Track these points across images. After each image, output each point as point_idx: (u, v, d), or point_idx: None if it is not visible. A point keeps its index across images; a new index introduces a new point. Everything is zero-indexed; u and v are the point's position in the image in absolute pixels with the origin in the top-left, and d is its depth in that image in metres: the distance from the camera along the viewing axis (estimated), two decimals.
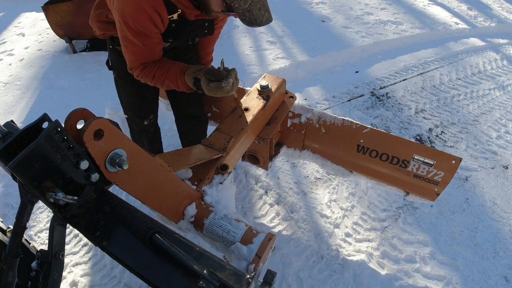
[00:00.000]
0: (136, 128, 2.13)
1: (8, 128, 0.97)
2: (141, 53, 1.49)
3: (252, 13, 1.28)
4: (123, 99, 2.01)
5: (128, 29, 1.39)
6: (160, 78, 1.55)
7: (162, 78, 1.55)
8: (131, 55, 1.50)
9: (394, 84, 3.77)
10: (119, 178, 0.99)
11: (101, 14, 1.61)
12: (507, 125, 3.29)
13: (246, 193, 2.54)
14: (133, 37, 1.41)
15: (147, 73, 1.54)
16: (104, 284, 2.00)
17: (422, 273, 2.06)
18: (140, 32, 1.40)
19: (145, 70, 1.54)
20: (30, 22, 5.36)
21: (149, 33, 1.42)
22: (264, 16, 1.31)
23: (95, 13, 1.65)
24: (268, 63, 3.96)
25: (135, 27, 1.38)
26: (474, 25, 5.08)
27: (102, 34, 1.70)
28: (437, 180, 1.68)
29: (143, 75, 1.55)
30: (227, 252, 1.21)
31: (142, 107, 2.03)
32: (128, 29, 1.39)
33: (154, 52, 1.52)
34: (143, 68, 1.54)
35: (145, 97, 1.99)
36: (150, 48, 1.48)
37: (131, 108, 2.03)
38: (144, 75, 1.55)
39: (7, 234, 1.27)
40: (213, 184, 1.42)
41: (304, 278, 2.01)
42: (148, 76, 1.55)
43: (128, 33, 1.40)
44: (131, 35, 1.40)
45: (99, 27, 1.67)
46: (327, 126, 1.87)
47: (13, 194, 2.57)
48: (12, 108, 3.48)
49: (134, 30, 1.39)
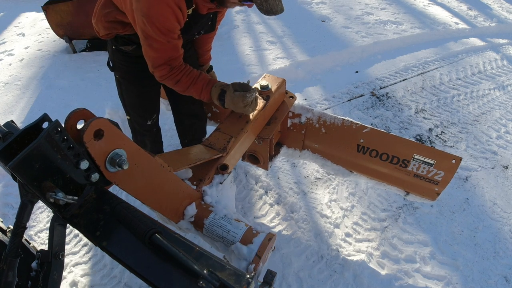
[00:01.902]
0: (139, 129, 2.13)
1: (8, 128, 0.97)
2: (166, 49, 1.50)
3: (268, 3, 1.37)
4: (126, 100, 2.00)
5: (153, 28, 1.40)
6: (185, 84, 1.59)
7: (187, 84, 1.59)
8: (156, 53, 1.50)
9: (394, 84, 3.77)
10: (119, 178, 0.99)
11: (109, 14, 1.60)
12: (507, 125, 3.29)
13: (246, 193, 2.54)
14: (159, 35, 1.43)
15: (173, 75, 1.56)
16: (104, 284, 2.00)
17: (422, 273, 2.06)
18: (166, 29, 1.42)
19: (172, 72, 1.55)
20: (30, 22, 5.36)
21: (174, 30, 1.45)
22: (279, 6, 1.41)
23: (102, 12, 1.62)
24: (268, 63, 3.96)
25: (161, 25, 1.40)
26: (474, 25, 5.08)
27: (107, 34, 1.69)
28: (437, 179, 1.68)
29: (168, 76, 1.56)
30: (227, 252, 1.21)
31: (145, 107, 2.03)
32: (153, 27, 1.40)
33: (178, 49, 1.54)
34: (170, 70, 1.55)
35: (149, 97, 2.00)
36: (174, 44, 1.50)
37: (135, 108, 2.03)
38: (170, 76, 1.56)
39: (7, 234, 1.27)
40: (213, 184, 1.42)
41: (304, 278, 2.01)
42: (173, 79, 1.57)
43: (152, 32, 1.41)
44: (156, 34, 1.42)
45: (105, 26, 1.65)
46: (327, 126, 1.87)
47: (13, 194, 2.57)
48: (12, 108, 3.48)
49: (160, 29, 1.41)
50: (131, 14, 1.47)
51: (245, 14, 5.15)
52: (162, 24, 1.40)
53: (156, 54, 1.51)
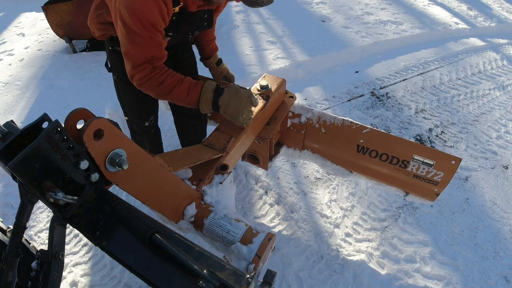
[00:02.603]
0: (137, 130, 2.13)
1: (8, 128, 0.97)
2: (148, 46, 1.41)
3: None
4: (124, 101, 2.00)
5: (135, 20, 1.33)
6: (170, 85, 1.45)
7: (172, 85, 1.46)
8: (137, 49, 1.41)
9: (394, 84, 3.77)
10: (119, 178, 0.99)
11: (101, 15, 1.60)
12: (507, 125, 3.29)
13: (246, 193, 2.55)
14: (140, 29, 1.35)
15: (156, 75, 1.44)
16: (104, 284, 2.00)
17: (422, 273, 2.06)
18: (148, 23, 1.35)
19: (155, 72, 1.44)
20: (30, 22, 5.36)
21: (157, 25, 1.38)
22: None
23: (94, 14, 1.63)
24: (268, 63, 3.96)
25: (144, 18, 1.33)
26: (474, 25, 5.08)
27: (101, 35, 1.69)
28: (436, 180, 1.68)
29: (151, 76, 1.43)
30: (227, 252, 1.21)
31: (143, 108, 2.02)
32: (135, 20, 1.33)
33: (161, 47, 1.46)
34: (153, 70, 1.43)
35: (147, 98, 1.98)
36: (157, 41, 1.42)
37: (132, 109, 2.02)
38: (152, 77, 1.44)
39: (7, 234, 1.27)
40: (213, 184, 1.42)
41: (304, 278, 2.01)
42: (156, 80, 1.44)
43: (134, 25, 1.34)
44: (138, 27, 1.35)
45: (98, 28, 1.66)
46: (327, 126, 1.87)
47: (13, 194, 2.57)
48: (12, 108, 3.48)
49: (142, 21, 1.34)
50: (114, 11, 1.41)
51: (245, 14, 5.15)
52: (145, 17, 1.33)
53: (137, 51, 1.40)
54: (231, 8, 5.29)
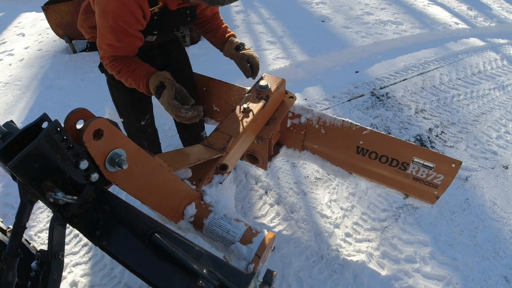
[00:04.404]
0: (134, 130, 2.12)
1: (8, 128, 0.97)
2: (116, 47, 1.51)
3: None
4: (118, 101, 2.01)
5: (108, 24, 1.41)
6: (125, 75, 1.57)
7: (126, 76, 1.57)
8: (105, 46, 1.52)
9: (394, 84, 3.77)
10: (118, 178, 0.99)
11: (87, 19, 1.66)
12: (507, 125, 3.29)
13: (246, 193, 2.55)
14: (110, 33, 1.44)
15: (114, 65, 1.56)
16: (104, 284, 2.00)
17: (422, 273, 2.06)
18: (119, 28, 1.42)
19: (113, 62, 1.55)
20: (30, 22, 5.36)
21: (129, 28, 1.44)
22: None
23: (82, 17, 1.70)
24: (268, 63, 3.96)
25: (116, 23, 1.40)
26: (474, 25, 5.08)
27: (91, 37, 1.74)
28: (436, 183, 1.67)
29: (111, 66, 1.56)
30: (227, 252, 1.21)
31: (137, 107, 2.02)
32: (108, 24, 1.41)
33: (128, 49, 1.55)
34: (112, 60, 1.55)
35: (140, 96, 1.98)
36: (125, 44, 1.51)
37: (127, 109, 2.02)
38: (112, 66, 1.56)
39: (7, 234, 1.27)
40: (212, 184, 1.42)
41: (304, 278, 2.01)
42: (114, 70, 1.57)
43: (106, 27, 1.42)
44: (108, 30, 1.43)
45: (87, 32, 1.72)
46: (326, 127, 1.87)
47: (13, 194, 2.57)
48: (12, 108, 3.49)
49: (114, 26, 1.41)
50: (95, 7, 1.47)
51: (245, 14, 5.15)
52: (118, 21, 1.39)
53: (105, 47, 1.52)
54: (231, 8, 5.30)
